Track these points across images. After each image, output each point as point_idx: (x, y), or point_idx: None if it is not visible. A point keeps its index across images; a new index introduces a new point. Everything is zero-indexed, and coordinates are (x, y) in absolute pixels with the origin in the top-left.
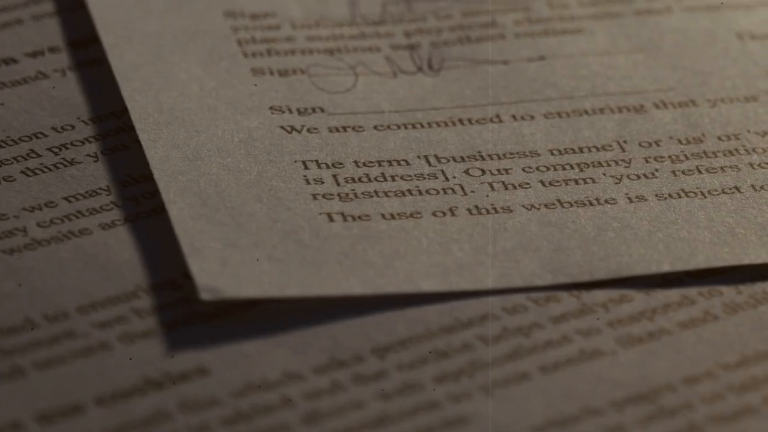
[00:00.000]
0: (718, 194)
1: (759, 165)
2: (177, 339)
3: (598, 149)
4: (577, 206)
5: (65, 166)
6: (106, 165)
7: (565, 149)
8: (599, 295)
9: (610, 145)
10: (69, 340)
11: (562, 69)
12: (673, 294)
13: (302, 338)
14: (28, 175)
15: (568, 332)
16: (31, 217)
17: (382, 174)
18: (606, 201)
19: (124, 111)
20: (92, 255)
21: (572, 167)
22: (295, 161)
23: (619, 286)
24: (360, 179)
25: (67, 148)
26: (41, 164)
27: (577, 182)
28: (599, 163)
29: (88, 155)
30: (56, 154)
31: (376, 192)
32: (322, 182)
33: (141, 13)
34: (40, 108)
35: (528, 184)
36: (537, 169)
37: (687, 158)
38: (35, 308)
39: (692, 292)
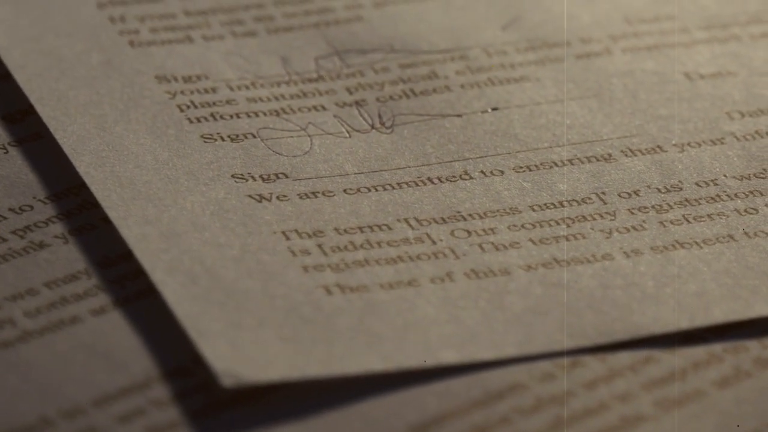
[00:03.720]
0: (713, 244)
1: (746, 210)
2: (205, 429)
3: (578, 203)
4: (575, 264)
5: (35, 250)
6: (78, 246)
7: (545, 204)
8: (623, 357)
9: (590, 198)
10: None
11: (519, 119)
12: (699, 352)
13: (334, 420)
14: None
15: (603, 398)
16: (16, 307)
17: (367, 241)
18: (603, 257)
19: (80, 187)
20: (91, 344)
21: (557, 223)
22: (274, 232)
23: (641, 347)
24: (346, 248)
25: (32, 231)
26: (10, 249)
27: (567, 239)
28: (583, 217)
29: (56, 237)
30: (22, 237)
31: (366, 260)
32: (309, 253)
33: (69, 82)
34: None
35: (518, 243)
36: (522, 227)
37: (671, 207)
38: (48, 405)
39: (717, 348)
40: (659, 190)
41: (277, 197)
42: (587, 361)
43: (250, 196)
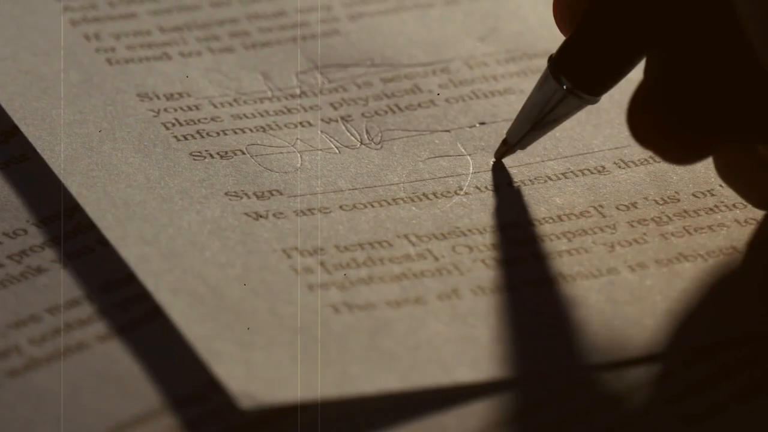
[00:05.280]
0: (717, 256)
1: (746, 221)
2: None
3: (576, 216)
4: (582, 279)
5: (33, 275)
6: (76, 271)
7: (544, 219)
8: (640, 373)
9: (588, 211)
10: None
11: None
12: (715, 366)
13: None
14: None
15: (626, 414)
16: (20, 335)
17: (369, 258)
18: (608, 271)
19: (73, 209)
20: (100, 371)
21: (558, 237)
22: (275, 250)
23: (656, 362)
24: (348, 265)
25: (27, 255)
26: (7, 275)
27: (570, 253)
28: (584, 231)
29: (53, 261)
30: (18, 262)
31: (370, 278)
32: (312, 271)
33: (52, 101)
34: None
35: (521, 258)
36: (524, 242)
37: (671, 219)
38: None
39: (730, 361)
40: (657, 202)
41: (274, 215)
42: (605, 378)
43: (246, 214)
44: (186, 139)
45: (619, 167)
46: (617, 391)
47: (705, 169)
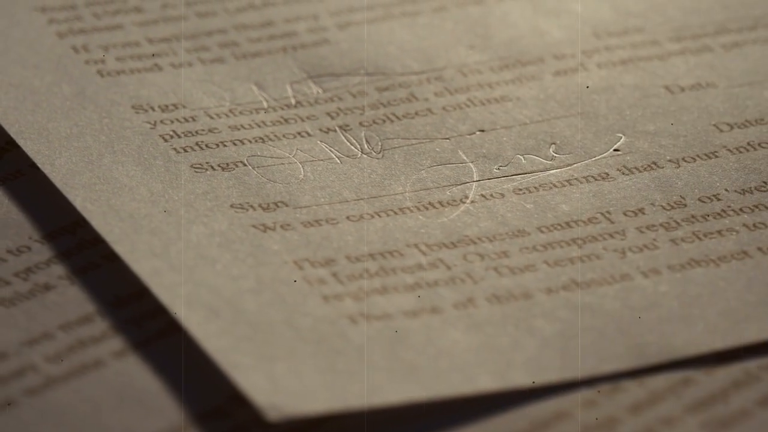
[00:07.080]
0: (729, 261)
1: (755, 225)
2: None
3: (585, 223)
4: (596, 286)
5: (41, 292)
6: (85, 287)
7: (552, 226)
8: (661, 380)
9: (596, 218)
10: None
11: (508, 141)
12: (735, 371)
13: None
14: (7, 307)
15: (650, 422)
16: (34, 353)
17: (382, 268)
18: (621, 278)
19: (75, 225)
20: (119, 388)
21: (568, 244)
22: (285, 262)
23: (676, 369)
24: (361, 276)
25: (34, 272)
26: (16, 292)
27: (582, 260)
28: (594, 237)
29: (60, 278)
30: (25, 280)
31: (384, 288)
32: (325, 282)
33: (46, 114)
34: None
35: (534, 266)
36: (534, 249)
37: (679, 225)
38: None
39: (752, 367)
40: (664, 208)
41: (281, 226)
42: (627, 385)
43: (253, 226)
44: (186, 151)
45: (623, 173)
46: (638, 400)
47: (709, 174)
